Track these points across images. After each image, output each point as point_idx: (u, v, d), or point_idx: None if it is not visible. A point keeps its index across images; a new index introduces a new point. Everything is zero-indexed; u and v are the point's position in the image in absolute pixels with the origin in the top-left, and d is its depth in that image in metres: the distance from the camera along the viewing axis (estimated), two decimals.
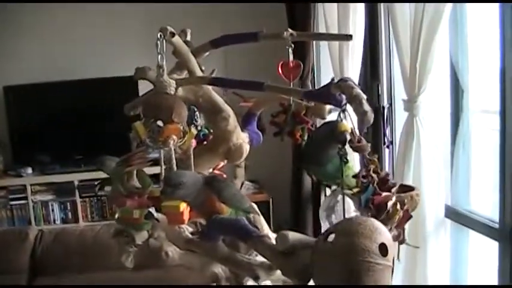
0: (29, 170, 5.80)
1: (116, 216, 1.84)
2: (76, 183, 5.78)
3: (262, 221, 1.96)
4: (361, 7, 3.75)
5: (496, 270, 2.83)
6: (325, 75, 5.03)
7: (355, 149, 1.59)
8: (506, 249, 2.76)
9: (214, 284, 1.86)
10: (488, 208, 3.27)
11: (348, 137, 1.59)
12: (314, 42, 4.78)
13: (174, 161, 1.73)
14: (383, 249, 1.17)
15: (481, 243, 3.20)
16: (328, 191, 3.99)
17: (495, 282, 2.83)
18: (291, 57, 1.94)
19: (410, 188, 1.77)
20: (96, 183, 5.57)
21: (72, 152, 5.89)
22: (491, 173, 3.32)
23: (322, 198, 4.99)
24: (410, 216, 1.66)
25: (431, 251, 3.13)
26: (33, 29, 5.79)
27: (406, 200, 1.66)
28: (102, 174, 5.18)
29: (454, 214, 3.24)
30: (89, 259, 3.31)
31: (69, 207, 5.89)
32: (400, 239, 1.64)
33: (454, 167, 3.31)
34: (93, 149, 5.64)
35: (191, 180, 1.57)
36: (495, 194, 2.94)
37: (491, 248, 2.97)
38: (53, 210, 5.88)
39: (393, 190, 1.60)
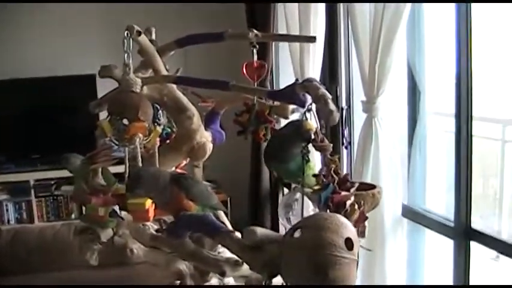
0: None
1: (73, 215, 1.84)
2: (32, 182, 5.70)
3: (225, 218, 1.98)
4: (322, 8, 3.79)
5: (451, 268, 2.90)
6: (285, 77, 5.07)
7: (318, 149, 1.62)
8: (461, 247, 2.84)
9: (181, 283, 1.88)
10: (442, 207, 3.36)
11: (313, 136, 1.61)
12: (273, 43, 4.81)
13: (139, 159, 1.73)
14: (349, 243, 1.21)
15: (436, 242, 3.28)
16: (286, 190, 4.02)
17: (450, 280, 2.90)
18: (255, 57, 1.96)
19: (372, 186, 1.81)
20: (52, 182, 5.54)
21: (28, 151, 5.80)
22: (445, 174, 3.41)
23: (280, 197, 5.03)
24: (366, 217, 1.70)
25: (389, 249, 3.19)
26: None
27: (367, 198, 1.70)
28: (59, 173, 5.10)
29: (410, 213, 3.31)
30: (50, 257, 3.26)
31: (24, 207, 5.81)
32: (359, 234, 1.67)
33: (410, 167, 3.38)
34: (49, 147, 5.59)
35: (150, 175, 1.58)
36: (449, 193, 3.02)
37: (446, 246, 3.05)
38: (7, 210, 5.78)
39: (352, 190, 1.63)
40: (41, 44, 5.70)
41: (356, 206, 1.60)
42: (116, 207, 1.82)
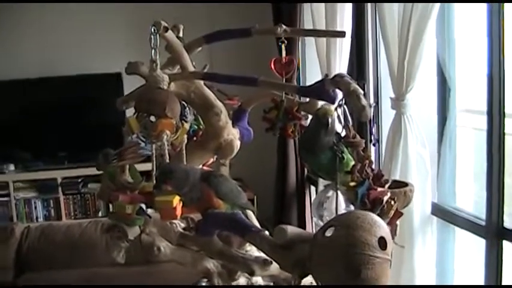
0: (12, 167, 5.75)
1: (100, 212, 1.83)
2: (59, 180, 5.74)
3: (253, 218, 1.96)
4: (348, 5, 3.76)
5: (482, 267, 2.85)
6: (311, 74, 5.04)
7: (350, 145, 1.59)
8: (493, 246, 2.79)
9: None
10: (473, 206, 3.30)
11: (330, 120, 1.59)
12: (300, 40, 4.79)
13: (167, 156, 1.72)
14: (382, 243, 1.18)
15: (467, 241, 3.23)
16: (313, 188, 3.99)
17: (481, 280, 2.85)
18: (284, 53, 1.94)
19: (404, 184, 1.78)
20: (79, 180, 5.59)
21: (56, 149, 5.84)
22: (476, 172, 3.35)
23: (307, 195, 5.01)
24: (401, 214, 1.67)
25: (418, 248, 3.15)
26: (14, 26, 5.72)
27: (399, 196, 1.67)
28: (86, 171, 5.14)
29: (440, 211, 3.26)
30: (77, 254, 3.29)
31: (52, 205, 5.86)
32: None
33: (440, 164, 3.33)
34: (76, 146, 5.63)
35: (182, 170, 1.56)
36: (481, 192, 2.97)
37: (477, 245, 3.00)
38: (35, 207, 5.84)
39: (387, 186, 1.60)
40: (69, 42, 5.73)
41: (392, 202, 1.58)
42: (144, 205, 1.81)
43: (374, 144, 3.77)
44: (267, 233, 1.48)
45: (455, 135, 3.31)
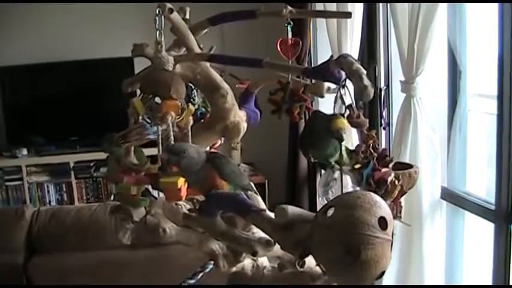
0: (24, 151, 5.79)
1: (114, 193, 1.83)
2: (71, 164, 5.78)
3: (260, 201, 1.95)
4: None
5: (491, 251, 2.84)
6: (322, 57, 5.02)
7: (354, 125, 1.58)
8: (502, 230, 2.78)
9: None
10: (483, 190, 3.29)
11: (344, 135, 1.58)
12: (311, 24, 4.76)
13: (172, 138, 1.72)
14: (382, 223, 1.17)
15: (476, 225, 3.22)
16: (323, 171, 4.00)
17: (490, 264, 2.84)
18: (290, 34, 1.92)
19: (409, 166, 1.77)
20: (91, 164, 5.61)
21: (68, 133, 5.87)
22: (486, 156, 3.33)
23: (318, 178, 5.00)
24: (405, 192, 1.66)
25: (427, 232, 3.15)
26: (27, 11, 5.74)
27: (404, 177, 1.66)
28: (98, 155, 5.17)
29: (450, 195, 3.26)
30: (86, 238, 3.31)
31: (64, 189, 5.90)
32: (394, 214, 1.64)
33: (450, 148, 3.31)
34: (88, 130, 5.65)
35: (193, 150, 1.56)
36: (490, 176, 2.95)
37: (486, 229, 2.99)
38: (48, 191, 5.88)
39: (390, 165, 1.60)
40: (81, 27, 5.75)
41: (396, 182, 1.57)
42: (149, 187, 1.81)
43: (384, 128, 3.77)
44: (271, 214, 1.48)
45: (466, 119, 3.28)
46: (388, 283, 3.37)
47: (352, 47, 3.87)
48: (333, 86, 1.85)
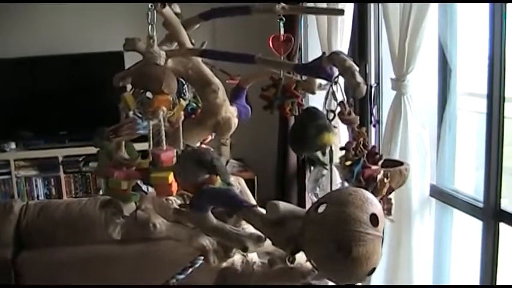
0: (13, 145, 5.77)
1: (103, 187, 1.83)
2: (60, 158, 5.76)
3: (250, 197, 1.96)
4: None
5: (479, 249, 2.86)
6: (313, 55, 5.02)
7: (345, 122, 1.58)
8: (490, 228, 2.80)
9: None
10: (472, 188, 3.31)
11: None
12: (302, 21, 4.76)
13: (163, 132, 1.71)
14: (374, 219, 1.17)
15: (464, 222, 3.24)
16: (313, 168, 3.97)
17: (478, 261, 2.86)
18: (282, 30, 1.93)
19: (399, 163, 1.78)
20: (80, 159, 5.59)
21: (57, 128, 5.85)
22: (475, 154, 3.35)
23: (308, 176, 5.01)
24: (392, 190, 1.67)
25: (416, 229, 3.17)
26: (17, 5, 5.69)
27: (395, 175, 1.67)
28: (87, 150, 5.13)
29: (438, 193, 3.27)
30: (75, 232, 3.29)
31: (53, 183, 5.88)
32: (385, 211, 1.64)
33: (440, 146, 3.33)
34: (77, 124, 5.63)
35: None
36: (479, 174, 2.97)
37: (474, 227, 3.01)
38: (36, 185, 5.86)
39: (379, 163, 1.60)
40: (70, 21, 5.73)
41: (385, 180, 1.57)
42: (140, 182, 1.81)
43: (374, 125, 3.79)
44: (263, 210, 1.48)
45: (455, 118, 3.30)
46: (377, 280, 3.38)
47: (342, 45, 3.87)
48: (324, 82, 1.85)
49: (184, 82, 2.01)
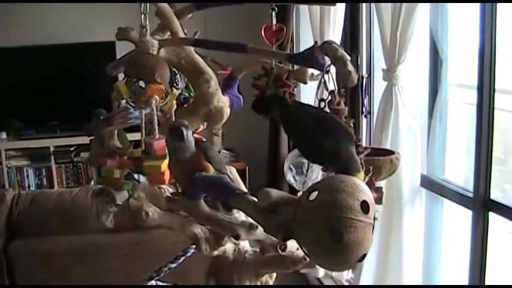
0: (3, 135, 5.76)
1: (95, 178, 1.84)
2: (51, 148, 5.75)
3: (242, 186, 1.97)
4: None
5: (468, 238, 2.89)
6: (305, 45, 5.02)
7: (333, 112, 1.59)
8: (479, 218, 2.82)
9: None
10: (462, 178, 3.33)
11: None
12: (294, 12, 4.76)
13: (156, 122, 1.72)
14: (364, 206, 1.19)
15: (454, 212, 3.26)
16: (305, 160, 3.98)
17: (468, 251, 2.89)
18: (274, 20, 1.93)
19: (390, 152, 1.79)
20: (71, 149, 5.59)
21: (48, 118, 5.84)
22: (465, 144, 3.38)
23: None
24: (374, 184, 1.68)
25: (407, 219, 3.19)
26: None
27: (385, 164, 1.68)
28: (79, 140, 5.09)
29: (429, 183, 3.30)
30: (67, 221, 3.28)
31: (44, 173, 5.88)
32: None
33: (430, 137, 3.35)
34: (69, 114, 5.63)
35: (192, 135, 1.59)
36: (469, 164, 2.99)
37: (464, 216, 3.03)
38: (27, 176, 5.86)
39: (361, 156, 1.60)
40: (61, 10, 5.71)
41: (371, 168, 1.58)
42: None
43: (366, 116, 3.80)
44: (254, 198, 1.49)
45: (446, 108, 3.32)
46: (368, 267, 3.41)
47: (335, 35, 3.88)
48: (316, 72, 1.86)
49: (176, 71, 2.02)
